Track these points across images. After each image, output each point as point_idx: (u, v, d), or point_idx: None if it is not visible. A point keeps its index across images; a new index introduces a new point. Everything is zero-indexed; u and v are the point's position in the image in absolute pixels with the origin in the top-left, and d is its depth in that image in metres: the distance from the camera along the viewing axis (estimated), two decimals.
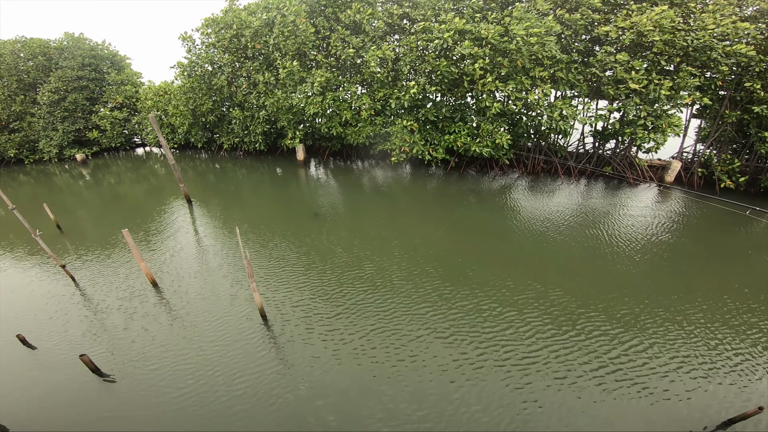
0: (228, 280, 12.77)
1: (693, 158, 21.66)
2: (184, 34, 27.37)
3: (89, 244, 16.05)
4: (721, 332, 9.80)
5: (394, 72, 21.80)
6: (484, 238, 15.06)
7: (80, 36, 32.70)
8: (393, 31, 22.48)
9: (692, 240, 14.65)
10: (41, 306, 12.06)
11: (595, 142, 22.75)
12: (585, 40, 19.63)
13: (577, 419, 7.68)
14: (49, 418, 8.26)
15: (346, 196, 20.68)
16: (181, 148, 35.26)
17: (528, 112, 21.10)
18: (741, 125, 19.14)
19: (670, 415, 7.73)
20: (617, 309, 10.68)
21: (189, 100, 28.74)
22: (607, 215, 16.96)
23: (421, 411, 7.91)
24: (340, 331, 10.21)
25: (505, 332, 9.93)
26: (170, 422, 7.95)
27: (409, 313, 10.77)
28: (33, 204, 21.78)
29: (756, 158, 19.40)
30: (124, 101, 33.58)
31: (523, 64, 18.61)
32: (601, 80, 19.07)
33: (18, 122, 32.27)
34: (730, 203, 11.19)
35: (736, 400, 7.99)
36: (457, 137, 21.27)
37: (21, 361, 9.92)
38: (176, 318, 11.05)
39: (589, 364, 8.91)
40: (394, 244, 14.72)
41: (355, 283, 12.28)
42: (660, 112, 18.25)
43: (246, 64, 26.43)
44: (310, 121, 26.94)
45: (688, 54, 17.67)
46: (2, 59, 30.74)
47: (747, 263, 12.90)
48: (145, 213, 19.50)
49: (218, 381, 8.83)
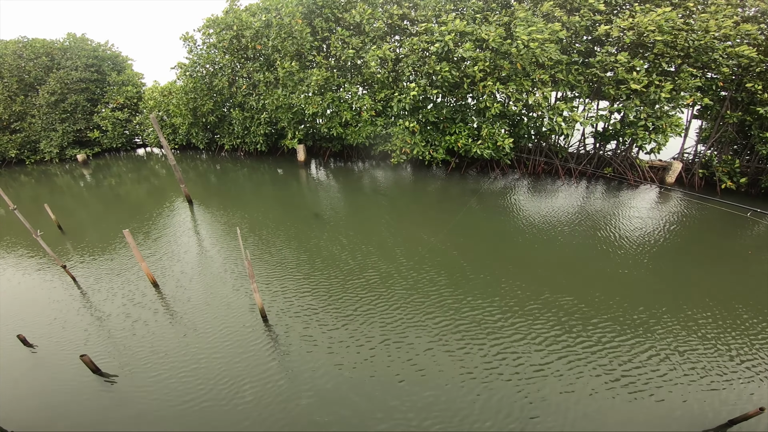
0: (229, 281, 12.77)
1: (694, 159, 21.64)
2: (186, 35, 27.45)
3: (90, 245, 16.06)
4: (723, 333, 9.79)
5: (394, 73, 21.81)
6: (485, 240, 15.05)
7: (83, 36, 32.74)
8: (393, 31, 22.50)
9: (694, 242, 14.63)
10: (42, 306, 12.07)
11: (596, 143, 22.74)
12: (585, 41, 19.61)
13: (577, 418, 7.67)
14: (49, 418, 8.25)
15: (347, 197, 20.68)
16: (182, 148, 35.30)
17: (529, 114, 21.09)
18: (742, 126, 19.12)
19: (672, 416, 7.72)
20: (619, 311, 10.67)
21: (190, 101, 28.80)
22: (609, 217, 16.94)
23: (421, 412, 7.91)
24: (340, 331, 10.20)
25: (501, 329, 9.93)
26: (170, 422, 7.95)
27: (409, 313, 10.77)
28: (34, 204, 21.81)
29: (757, 159, 19.38)
30: (125, 102, 33.63)
31: (523, 66, 18.60)
32: (601, 81, 19.05)
33: (19, 123, 32.30)
34: (732, 205, 11.21)
35: (738, 401, 7.98)
36: (458, 138, 21.26)
37: (21, 361, 9.92)
38: (177, 318, 11.05)
39: (589, 365, 8.89)
40: (394, 244, 14.72)
41: (356, 283, 12.28)
42: (661, 113, 18.23)
43: (246, 64, 26.49)
44: (311, 121, 26.97)
45: (689, 55, 17.67)
46: (4, 59, 30.79)
47: (749, 265, 12.87)
48: (146, 214, 19.52)
49: (218, 381, 8.83)
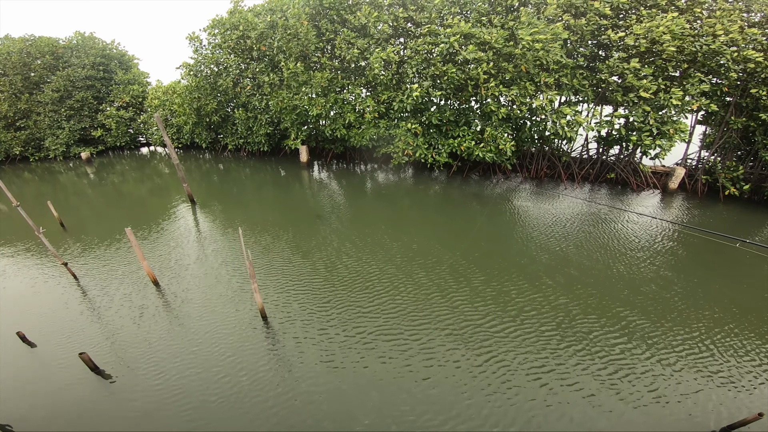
0: (229, 281, 12.75)
1: (697, 165, 21.54)
2: (192, 34, 27.58)
3: (92, 243, 16.08)
4: (721, 338, 9.71)
5: (398, 75, 21.82)
6: (486, 243, 14.98)
7: (91, 35, 32.94)
8: (398, 34, 22.55)
9: (695, 247, 14.54)
10: (42, 303, 12.06)
11: (599, 148, 22.68)
12: (591, 46, 19.56)
13: (574, 420, 7.59)
14: (47, 416, 8.22)
15: (349, 199, 20.65)
16: (186, 148, 35.41)
17: (532, 118, 21.04)
18: (746, 132, 19.01)
19: (669, 421, 7.64)
20: (620, 314, 10.60)
21: (194, 100, 28.91)
22: (611, 223, 16.86)
23: (421, 412, 7.84)
24: (339, 332, 10.14)
25: (502, 330, 9.86)
26: (169, 422, 7.90)
27: (409, 314, 10.71)
28: (37, 201, 21.87)
29: (760, 166, 19.27)
30: (130, 101, 33.79)
31: (527, 69, 18.56)
32: (608, 86, 18.96)
33: (24, 120, 32.49)
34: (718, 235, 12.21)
35: (736, 406, 7.91)
36: (461, 141, 21.23)
37: (20, 358, 9.90)
38: (177, 317, 11.03)
39: (588, 368, 8.82)
40: (395, 247, 14.67)
41: (357, 285, 12.23)
42: (666, 119, 18.14)
43: (251, 65, 26.57)
44: (314, 122, 27.02)
45: (695, 60, 17.59)
46: (9, 57, 30.99)
47: (748, 271, 12.78)
48: (149, 212, 19.54)
49: (218, 380, 8.78)
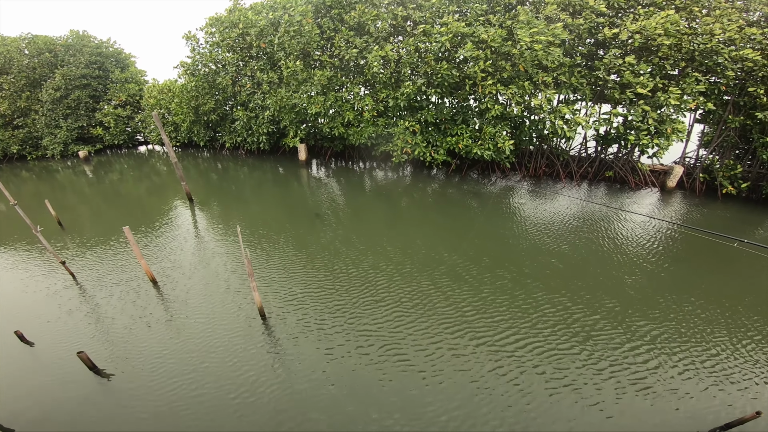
0: (228, 279, 12.75)
1: (695, 163, 21.58)
2: (188, 34, 27.48)
3: (90, 241, 16.06)
4: (719, 337, 9.74)
5: (396, 73, 21.80)
6: (486, 241, 15.00)
7: (85, 34, 32.82)
8: (396, 32, 22.51)
9: (692, 245, 14.57)
10: (40, 302, 12.05)
11: (598, 146, 22.70)
12: (589, 44, 19.55)
13: (573, 419, 7.62)
14: (44, 416, 8.22)
15: (348, 197, 20.65)
16: (184, 146, 35.33)
17: (531, 116, 21.03)
18: (744, 131, 19.04)
19: (666, 420, 7.66)
20: (617, 312, 10.63)
21: (191, 99, 28.83)
22: (610, 221, 16.89)
23: (422, 413, 7.87)
24: (338, 331, 10.16)
25: (502, 330, 9.89)
26: (167, 421, 7.92)
27: (409, 314, 10.73)
28: (35, 200, 21.82)
29: (758, 164, 19.32)
30: (127, 99, 33.70)
31: (525, 68, 18.54)
32: (606, 84, 18.96)
33: (22, 118, 32.39)
34: (717, 235, 11.98)
35: (734, 405, 7.94)
36: (459, 139, 21.22)
37: (18, 357, 9.90)
38: (175, 316, 11.03)
39: (587, 367, 8.85)
40: (394, 245, 14.68)
41: (356, 284, 12.24)
42: (664, 117, 18.15)
43: (250, 63, 26.51)
44: (313, 121, 26.98)
45: (693, 58, 17.60)
46: (8, 56, 30.88)
47: (746, 270, 12.82)
48: (147, 211, 19.51)
49: (216, 380, 8.79)
